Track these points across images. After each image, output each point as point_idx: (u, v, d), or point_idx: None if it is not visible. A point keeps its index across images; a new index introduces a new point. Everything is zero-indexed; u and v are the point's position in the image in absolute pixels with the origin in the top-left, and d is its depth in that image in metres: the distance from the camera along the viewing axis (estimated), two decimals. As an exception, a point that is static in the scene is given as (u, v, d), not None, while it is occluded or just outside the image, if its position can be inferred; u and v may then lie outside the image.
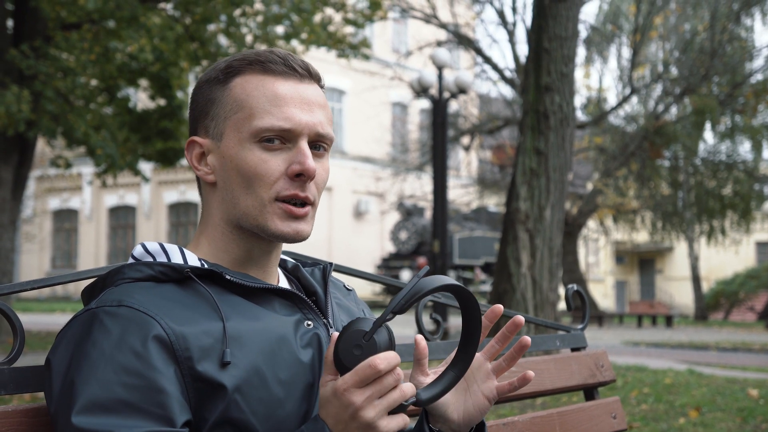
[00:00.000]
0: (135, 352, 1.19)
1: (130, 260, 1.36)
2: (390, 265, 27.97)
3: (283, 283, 1.45)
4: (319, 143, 1.37)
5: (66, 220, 34.01)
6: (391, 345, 1.18)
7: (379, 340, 1.17)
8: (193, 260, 1.35)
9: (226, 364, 1.23)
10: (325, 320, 1.40)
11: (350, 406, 1.16)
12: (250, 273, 1.38)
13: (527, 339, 1.40)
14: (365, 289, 27.83)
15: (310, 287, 1.45)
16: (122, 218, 32.62)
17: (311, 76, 1.39)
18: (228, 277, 1.31)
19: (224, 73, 1.38)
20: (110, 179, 13.44)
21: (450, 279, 1.21)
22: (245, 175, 1.33)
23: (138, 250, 1.36)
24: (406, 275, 26.28)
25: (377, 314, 1.23)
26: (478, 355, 1.42)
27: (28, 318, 18.52)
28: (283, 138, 1.34)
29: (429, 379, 1.37)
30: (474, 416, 1.40)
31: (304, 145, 1.34)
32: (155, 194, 31.26)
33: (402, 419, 1.20)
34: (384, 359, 1.15)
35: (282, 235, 1.34)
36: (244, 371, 1.25)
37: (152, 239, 27.63)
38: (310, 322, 1.36)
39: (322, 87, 1.42)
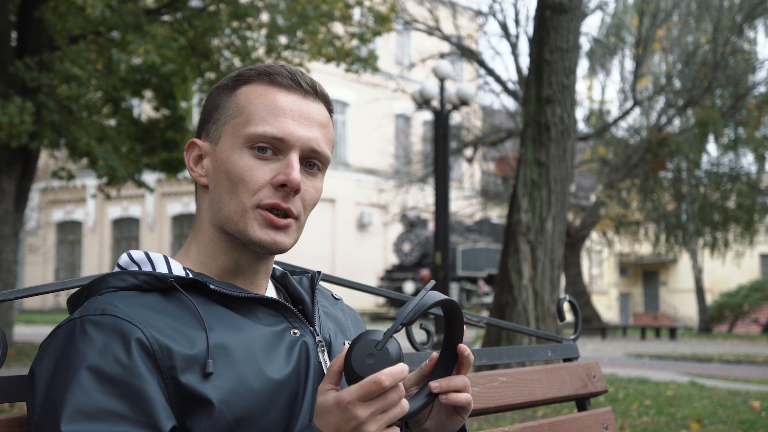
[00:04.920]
0: (119, 360, 1.19)
1: (116, 269, 1.36)
2: (393, 276, 27.93)
3: (271, 291, 1.45)
4: (313, 161, 1.38)
5: (70, 232, 34.05)
6: (401, 356, 1.21)
7: (391, 349, 1.19)
8: (178, 270, 1.35)
9: (208, 374, 1.23)
10: (311, 328, 1.40)
11: (354, 420, 1.16)
12: (237, 282, 1.38)
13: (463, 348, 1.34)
14: (368, 301, 27.80)
15: (297, 295, 1.45)
16: (126, 230, 32.66)
17: (316, 94, 1.40)
18: (212, 286, 1.32)
19: (234, 80, 1.40)
20: (114, 191, 13.44)
21: (445, 296, 1.26)
22: (232, 179, 1.34)
23: (123, 259, 1.37)
24: (409, 287, 26.24)
25: (368, 324, 1.24)
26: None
27: (31, 330, 18.53)
28: (275, 148, 1.34)
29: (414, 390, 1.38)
30: (448, 426, 1.39)
31: (293, 157, 1.34)
32: (159, 206, 31.30)
33: (396, 430, 1.21)
34: (389, 375, 1.16)
35: (260, 243, 1.34)
36: (228, 381, 1.25)
37: (156, 251, 27.58)
38: (296, 331, 1.36)
39: (330, 110, 1.43)
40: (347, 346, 1.21)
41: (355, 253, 31.41)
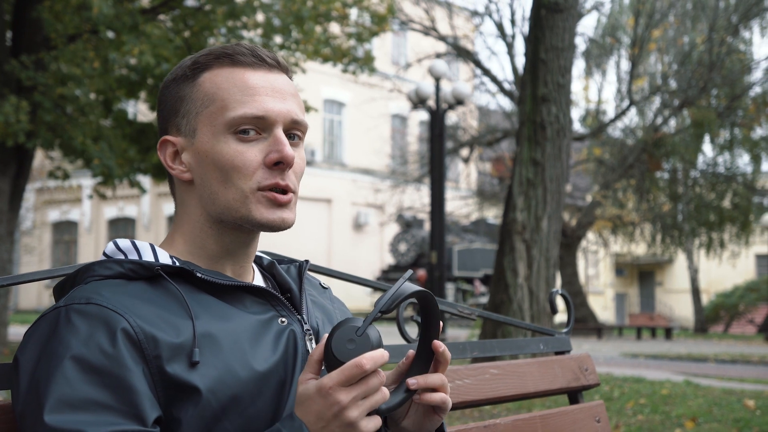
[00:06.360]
0: (103, 350, 1.18)
1: (102, 257, 1.35)
2: (389, 277, 27.92)
3: (258, 280, 1.44)
4: (294, 132, 1.37)
5: (65, 232, 34.00)
6: (380, 342, 1.21)
7: (371, 335, 1.19)
8: (165, 258, 1.34)
9: (195, 363, 1.22)
10: (299, 316, 1.39)
11: (335, 405, 1.16)
12: (226, 268, 1.37)
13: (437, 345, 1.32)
14: (364, 300, 27.78)
15: (285, 284, 1.44)
16: (122, 230, 32.60)
17: (280, 66, 1.39)
18: (199, 274, 1.30)
19: (191, 69, 1.37)
20: (110, 191, 13.40)
21: (421, 287, 1.26)
22: (223, 169, 1.32)
23: (110, 248, 1.35)
24: (405, 287, 26.23)
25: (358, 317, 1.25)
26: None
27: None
28: (258, 128, 1.33)
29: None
30: (425, 426, 1.37)
31: (280, 133, 1.33)
32: (155, 206, 31.27)
33: (378, 420, 1.20)
34: (370, 359, 1.16)
35: (268, 224, 1.33)
36: (214, 370, 1.24)
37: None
38: (283, 319, 1.35)
39: (291, 78, 1.42)
40: (326, 335, 1.20)
41: (351, 254, 31.40)
